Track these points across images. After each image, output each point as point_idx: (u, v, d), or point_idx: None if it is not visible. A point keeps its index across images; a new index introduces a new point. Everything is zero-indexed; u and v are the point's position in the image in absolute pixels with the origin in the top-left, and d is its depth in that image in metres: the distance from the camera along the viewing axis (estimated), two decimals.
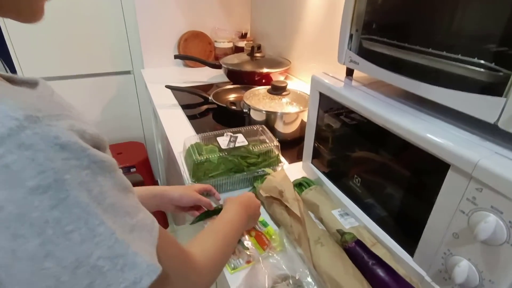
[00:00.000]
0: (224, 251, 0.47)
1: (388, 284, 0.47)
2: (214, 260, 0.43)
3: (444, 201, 0.44)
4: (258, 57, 1.43)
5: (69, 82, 1.72)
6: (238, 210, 0.55)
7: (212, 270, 0.43)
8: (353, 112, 0.60)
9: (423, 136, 0.44)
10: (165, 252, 0.32)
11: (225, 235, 0.49)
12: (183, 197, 0.63)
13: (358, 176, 0.62)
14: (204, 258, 0.41)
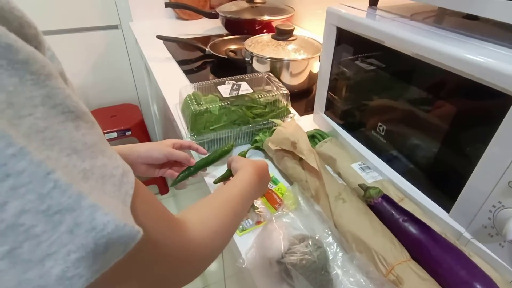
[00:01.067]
0: (229, 221, 0.36)
1: (423, 242, 0.40)
2: (214, 229, 0.33)
3: (501, 143, 0.36)
4: (258, 4, 1.29)
5: (52, 38, 1.57)
6: (251, 176, 0.44)
7: (213, 241, 0.33)
8: (378, 50, 0.50)
9: (478, 63, 0.35)
10: (147, 215, 0.24)
11: (230, 200, 0.38)
12: (152, 151, 0.53)
13: (382, 124, 0.54)
14: (201, 226, 0.32)
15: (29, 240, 0.16)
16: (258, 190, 0.45)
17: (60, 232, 0.16)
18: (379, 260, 0.40)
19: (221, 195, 0.38)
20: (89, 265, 0.17)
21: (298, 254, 0.42)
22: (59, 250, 0.16)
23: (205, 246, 0.31)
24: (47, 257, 0.16)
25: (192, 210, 0.34)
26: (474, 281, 0.36)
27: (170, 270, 0.27)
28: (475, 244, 0.41)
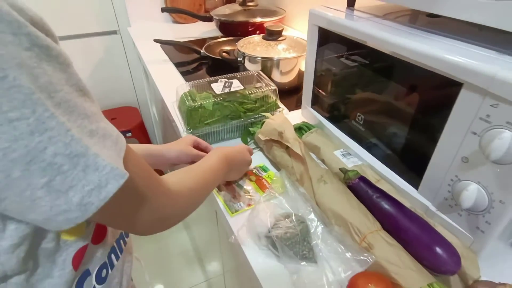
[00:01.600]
0: (200, 186, 0.45)
1: (393, 214, 0.46)
2: (189, 189, 0.41)
3: (454, 124, 0.41)
4: (251, 7, 1.34)
5: None
6: (218, 159, 0.52)
7: (186, 199, 0.41)
8: (355, 48, 0.55)
9: (434, 55, 0.41)
10: (132, 169, 0.30)
11: (203, 174, 0.47)
12: (181, 156, 0.60)
13: (361, 114, 0.59)
14: (178, 185, 0.39)
15: (59, 175, 0.23)
16: (226, 168, 0.53)
17: (77, 171, 0.23)
18: (354, 231, 0.46)
19: (197, 169, 0.47)
20: (96, 195, 0.24)
21: (283, 228, 0.47)
22: (78, 183, 0.23)
23: (181, 196, 0.39)
24: (70, 189, 0.23)
25: (172, 173, 0.42)
26: (434, 245, 0.41)
27: (153, 210, 0.34)
28: (439, 215, 0.47)
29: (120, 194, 0.26)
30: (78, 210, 0.24)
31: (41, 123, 0.21)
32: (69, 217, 0.24)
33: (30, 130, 0.21)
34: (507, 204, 0.38)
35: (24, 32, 0.21)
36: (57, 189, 0.23)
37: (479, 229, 0.42)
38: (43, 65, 0.22)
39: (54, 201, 0.23)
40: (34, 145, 0.21)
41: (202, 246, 1.36)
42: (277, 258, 0.46)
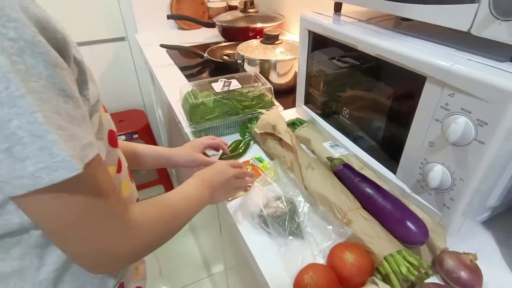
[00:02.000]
0: (168, 221, 0.43)
1: (371, 195, 0.51)
2: (152, 220, 0.40)
3: (422, 114, 0.47)
4: (251, 13, 1.42)
5: None
6: (195, 187, 0.51)
7: (147, 230, 0.39)
8: (342, 49, 0.62)
9: (400, 53, 0.47)
10: (95, 184, 0.32)
11: (175, 207, 0.45)
12: (188, 163, 0.64)
13: (347, 109, 0.65)
14: (141, 216, 0.38)
15: (19, 145, 0.27)
16: (208, 192, 0.52)
17: (34, 148, 0.27)
18: (336, 210, 0.51)
19: (168, 201, 0.45)
20: (47, 174, 0.28)
21: (273, 208, 0.53)
22: (33, 158, 0.27)
23: (142, 226, 0.38)
24: (27, 159, 0.27)
25: (141, 204, 0.41)
26: (405, 219, 0.47)
27: (103, 236, 0.34)
28: (413, 196, 0.52)
29: (71, 190, 0.30)
30: (31, 179, 0.27)
31: (11, 99, 0.26)
32: (23, 183, 0.27)
33: (1, 102, 0.26)
34: (466, 181, 0.43)
35: (12, 26, 0.25)
36: (16, 156, 0.27)
37: (445, 205, 0.47)
38: (24, 56, 0.26)
39: (12, 165, 0.27)
40: (2, 115, 0.26)
41: (206, 246, 1.42)
42: (268, 235, 0.52)
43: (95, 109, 0.38)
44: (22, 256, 0.36)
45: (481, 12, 0.39)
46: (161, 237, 0.42)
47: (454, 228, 0.49)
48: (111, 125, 0.44)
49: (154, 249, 0.42)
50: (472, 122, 0.40)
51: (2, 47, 0.25)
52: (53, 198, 0.30)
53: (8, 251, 0.35)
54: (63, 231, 0.33)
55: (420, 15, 0.47)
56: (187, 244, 1.64)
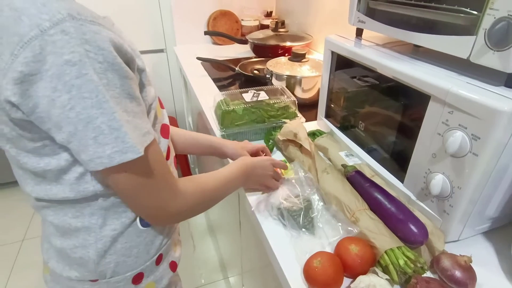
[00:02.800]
0: (208, 197, 0.55)
1: (377, 198, 0.58)
2: (196, 191, 0.52)
3: (426, 128, 0.53)
4: (282, 32, 1.52)
5: None
6: (237, 170, 0.61)
7: (190, 205, 0.51)
8: (361, 69, 0.69)
9: (409, 74, 0.54)
10: (152, 158, 0.43)
11: (215, 187, 0.56)
12: (235, 156, 0.71)
13: (362, 122, 0.72)
14: (188, 186, 0.50)
15: (102, 134, 0.38)
16: (243, 180, 0.62)
17: (112, 137, 0.38)
18: (346, 209, 0.58)
19: (212, 178, 0.57)
20: (119, 155, 0.39)
21: (291, 203, 0.60)
22: (110, 144, 0.38)
23: (188, 194, 0.50)
24: (106, 145, 0.38)
25: (189, 179, 0.53)
26: (407, 220, 0.52)
27: (158, 197, 0.46)
28: (418, 203, 0.58)
29: (136, 166, 0.41)
30: (107, 159, 0.38)
31: (99, 103, 0.36)
32: (102, 162, 0.38)
33: (92, 105, 0.36)
34: (463, 189, 0.49)
35: (101, 53, 0.36)
36: (99, 142, 0.37)
37: (445, 212, 0.53)
38: (107, 73, 0.37)
39: (96, 149, 0.38)
40: (92, 114, 0.36)
41: (224, 248, 1.49)
42: (284, 226, 0.59)
43: (152, 107, 0.48)
44: (91, 215, 0.47)
45: (478, 43, 0.45)
46: (201, 205, 0.54)
47: (453, 233, 0.54)
48: (165, 119, 0.55)
49: (196, 214, 0.54)
50: (467, 136, 0.46)
51: (94, 68, 0.36)
52: (124, 171, 0.41)
53: (82, 210, 0.46)
54: (131, 193, 0.44)
55: (427, 43, 0.54)
56: (206, 244, 1.72)
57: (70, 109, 0.36)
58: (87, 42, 0.35)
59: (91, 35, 0.35)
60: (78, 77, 0.35)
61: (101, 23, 0.37)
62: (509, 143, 0.44)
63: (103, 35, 0.36)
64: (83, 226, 0.47)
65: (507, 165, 0.47)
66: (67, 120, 0.36)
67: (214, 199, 0.57)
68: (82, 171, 0.43)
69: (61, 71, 0.34)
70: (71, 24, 0.34)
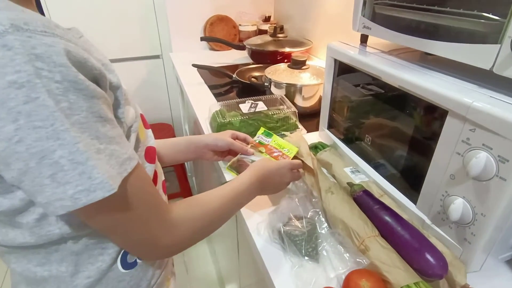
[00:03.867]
0: (212, 220, 0.47)
1: (389, 223, 0.52)
2: (193, 225, 0.44)
3: (443, 146, 0.48)
4: (280, 38, 1.48)
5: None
6: (248, 180, 0.54)
7: (187, 235, 0.44)
8: (365, 78, 0.64)
9: (424, 86, 0.48)
10: (135, 190, 0.36)
11: (221, 205, 0.49)
12: (218, 141, 0.67)
13: (369, 136, 0.67)
14: (182, 219, 0.43)
15: (61, 171, 0.30)
16: (257, 190, 0.55)
17: (75, 173, 0.31)
18: (354, 236, 0.52)
19: (216, 198, 0.49)
20: (85, 195, 0.31)
21: (293, 226, 0.54)
22: (73, 182, 0.31)
23: (183, 227, 0.43)
24: (67, 183, 0.31)
25: (186, 202, 0.46)
26: (424, 250, 0.47)
27: (147, 233, 0.39)
28: (433, 228, 0.52)
29: (111, 204, 0.34)
30: (70, 201, 0.31)
31: (56, 133, 0.29)
32: (63, 205, 0.31)
33: (47, 136, 0.29)
34: (488, 216, 0.43)
35: (58, 70, 0.29)
36: (58, 181, 0.30)
37: (467, 240, 0.47)
38: (68, 94, 0.30)
39: (55, 189, 0.31)
40: (47, 147, 0.29)
41: (222, 261, 1.43)
42: (285, 252, 0.53)
43: (132, 129, 0.42)
44: (60, 261, 0.40)
45: (503, 52, 0.40)
46: (203, 230, 0.47)
47: (475, 264, 0.48)
48: (150, 142, 0.48)
49: (197, 241, 0.46)
50: (493, 158, 0.40)
51: (49, 89, 0.29)
52: (96, 211, 0.35)
53: (49, 256, 0.40)
54: (110, 231, 0.38)
55: (443, 52, 0.49)
56: (203, 257, 1.65)
57: (18, 142, 0.29)
58: (37, 58, 0.28)
59: (43, 49, 0.29)
60: (26, 102, 0.28)
61: (58, 34, 0.30)
62: None
63: (59, 48, 0.30)
64: (50, 276, 0.40)
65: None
66: (15, 156, 0.30)
67: (220, 219, 0.50)
68: (43, 211, 0.36)
69: (4, 96, 0.28)
70: (15, 37, 0.27)
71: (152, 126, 2.14)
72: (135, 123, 0.42)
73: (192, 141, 0.68)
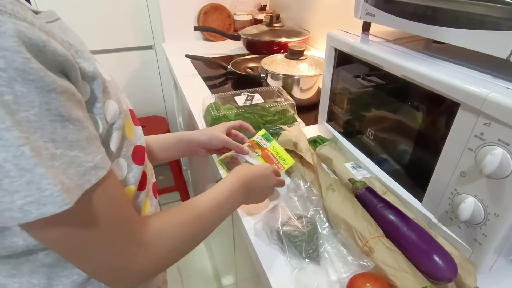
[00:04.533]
0: (193, 234, 0.42)
1: (394, 223, 0.49)
2: (171, 243, 0.38)
3: (453, 141, 0.44)
4: (277, 28, 1.43)
5: (96, 57, 1.79)
6: (232, 184, 0.48)
7: (165, 252, 0.38)
8: (368, 69, 0.60)
9: (433, 77, 0.45)
10: (103, 207, 0.31)
11: (202, 216, 0.43)
12: (212, 139, 0.62)
13: (371, 130, 0.63)
14: (159, 237, 0.37)
15: (7, 177, 0.25)
16: (242, 197, 0.50)
17: (22, 181, 0.26)
18: (357, 236, 0.49)
19: (194, 209, 0.43)
20: (36, 208, 0.26)
21: (292, 227, 0.51)
22: (21, 191, 0.26)
23: (153, 253, 0.36)
24: (15, 192, 0.26)
25: (162, 217, 0.40)
26: (432, 252, 0.44)
27: (117, 256, 0.34)
28: (440, 227, 0.49)
29: (68, 221, 0.29)
30: (19, 213, 0.26)
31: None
32: (13, 216, 0.26)
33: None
34: (502, 216, 0.40)
35: (2, 54, 0.24)
36: (4, 188, 0.25)
37: (477, 241, 0.44)
38: (14, 85, 0.25)
39: (2, 198, 0.26)
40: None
41: (218, 256, 1.40)
42: (284, 253, 0.50)
43: (115, 127, 0.36)
44: (31, 273, 0.36)
45: None
46: (185, 245, 0.41)
47: (485, 266, 0.46)
48: (140, 140, 0.43)
49: (179, 258, 0.41)
50: (510, 155, 0.37)
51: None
52: (52, 227, 0.29)
53: (20, 267, 0.35)
54: (71, 253, 0.32)
55: (455, 40, 0.46)
56: (198, 253, 1.63)
57: None
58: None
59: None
60: None
61: (8, 11, 0.25)
62: None
63: (8, 27, 0.24)
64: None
65: None
66: None
67: (204, 231, 0.44)
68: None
69: None
70: None
71: (146, 119, 2.09)
72: (118, 120, 0.37)
73: (183, 138, 0.63)
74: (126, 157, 0.39)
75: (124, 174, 0.39)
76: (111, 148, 0.36)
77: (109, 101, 0.35)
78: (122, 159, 0.39)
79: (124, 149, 0.39)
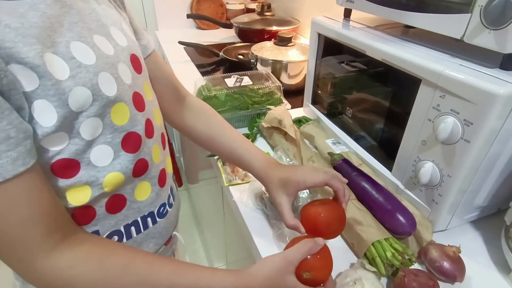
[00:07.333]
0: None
1: (365, 188, 0.55)
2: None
3: (416, 114, 0.50)
4: (268, 16, 1.47)
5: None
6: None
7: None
8: (349, 52, 0.65)
9: (400, 56, 0.51)
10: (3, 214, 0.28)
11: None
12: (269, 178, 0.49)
13: (350, 109, 0.69)
14: (63, 274, 0.31)
15: None
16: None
17: None
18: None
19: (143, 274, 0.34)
20: None
21: None
22: None
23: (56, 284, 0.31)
24: None
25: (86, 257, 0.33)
26: (394, 211, 0.50)
27: (13, 267, 0.31)
28: (406, 192, 0.56)
29: None
30: None
31: None
32: None
33: None
34: (453, 177, 0.47)
35: None
36: None
37: (434, 201, 0.51)
38: None
39: None
40: None
41: (209, 240, 1.46)
42: (267, 217, 0.56)
43: (84, 114, 0.33)
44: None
45: (473, 21, 0.42)
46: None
47: (442, 223, 0.52)
48: (136, 127, 0.40)
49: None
50: (459, 122, 0.43)
51: None
52: None
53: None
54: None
55: (420, 23, 0.51)
56: (191, 235, 1.69)
57: None
58: None
59: None
60: None
61: None
62: (502, 129, 0.42)
63: None
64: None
65: (499, 153, 0.45)
66: None
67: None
68: None
69: None
70: None
71: None
72: (91, 107, 0.34)
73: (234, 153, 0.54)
74: (113, 145, 0.37)
75: (108, 161, 0.37)
76: (82, 135, 0.34)
77: (78, 87, 0.32)
78: (105, 146, 0.37)
79: (108, 136, 0.37)
